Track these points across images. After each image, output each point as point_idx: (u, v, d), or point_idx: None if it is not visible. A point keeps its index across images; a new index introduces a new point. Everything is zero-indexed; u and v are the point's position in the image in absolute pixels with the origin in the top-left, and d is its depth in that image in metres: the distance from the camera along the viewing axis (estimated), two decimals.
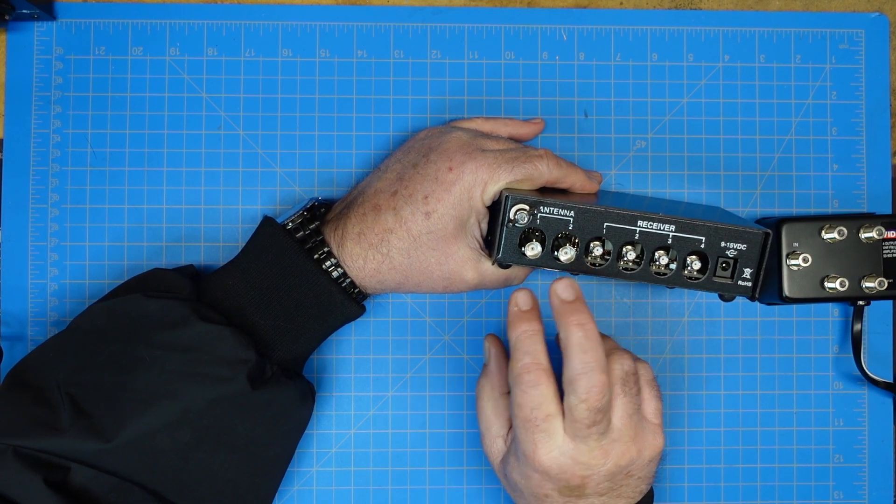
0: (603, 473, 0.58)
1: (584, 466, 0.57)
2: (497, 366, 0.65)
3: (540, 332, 0.57)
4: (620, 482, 0.60)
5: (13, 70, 0.72)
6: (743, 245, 0.61)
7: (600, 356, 0.55)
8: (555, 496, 0.59)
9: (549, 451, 0.57)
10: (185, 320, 0.59)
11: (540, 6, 0.74)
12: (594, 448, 0.57)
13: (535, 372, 0.56)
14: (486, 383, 0.65)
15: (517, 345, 0.57)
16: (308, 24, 0.73)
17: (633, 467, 0.60)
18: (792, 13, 0.75)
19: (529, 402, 0.56)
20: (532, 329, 0.57)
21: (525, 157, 0.62)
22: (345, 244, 0.62)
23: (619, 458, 0.58)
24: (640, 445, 0.60)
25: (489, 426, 0.64)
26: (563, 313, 0.56)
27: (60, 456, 0.55)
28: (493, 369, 0.65)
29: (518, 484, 0.61)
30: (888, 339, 0.75)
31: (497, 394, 0.65)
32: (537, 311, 0.58)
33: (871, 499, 0.74)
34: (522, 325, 0.57)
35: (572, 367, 0.55)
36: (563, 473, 0.57)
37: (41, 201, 0.72)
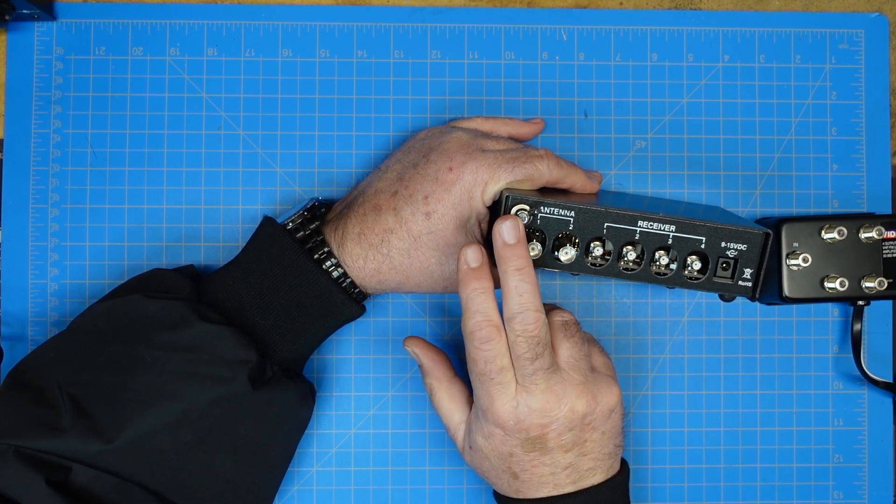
0: (561, 421, 0.59)
1: (539, 413, 0.58)
2: (430, 360, 0.66)
3: (490, 290, 0.57)
4: (582, 435, 0.60)
5: (13, 70, 0.72)
6: (743, 245, 0.61)
7: (536, 297, 0.57)
8: (519, 453, 0.60)
9: (504, 402, 0.58)
10: (186, 320, 0.59)
11: (540, 6, 0.74)
12: (545, 391, 0.58)
13: (487, 328, 0.57)
14: (430, 380, 0.66)
15: (468, 303, 0.57)
16: (308, 24, 0.73)
17: (593, 417, 0.60)
18: (792, 13, 0.75)
19: (483, 356, 0.57)
20: (482, 286, 0.57)
21: (525, 157, 0.62)
22: (345, 244, 0.62)
23: (574, 402, 0.59)
24: (594, 392, 0.60)
25: (451, 415, 0.65)
26: (504, 257, 0.57)
27: (61, 456, 0.55)
28: (429, 364, 0.66)
29: (483, 449, 0.61)
30: (888, 339, 0.75)
31: (446, 383, 0.66)
32: (487, 268, 0.58)
33: (871, 499, 0.74)
34: (473, 283, 0.57)
35: (509, 307, 0.57)
36: (521, 423, 0.58)
37: (41, 201, 0.72)
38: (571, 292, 0.74)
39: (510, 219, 0.57)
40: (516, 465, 0.61)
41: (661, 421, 0.74)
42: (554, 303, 0.70)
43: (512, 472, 0.61)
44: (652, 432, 0.74)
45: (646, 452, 0.74)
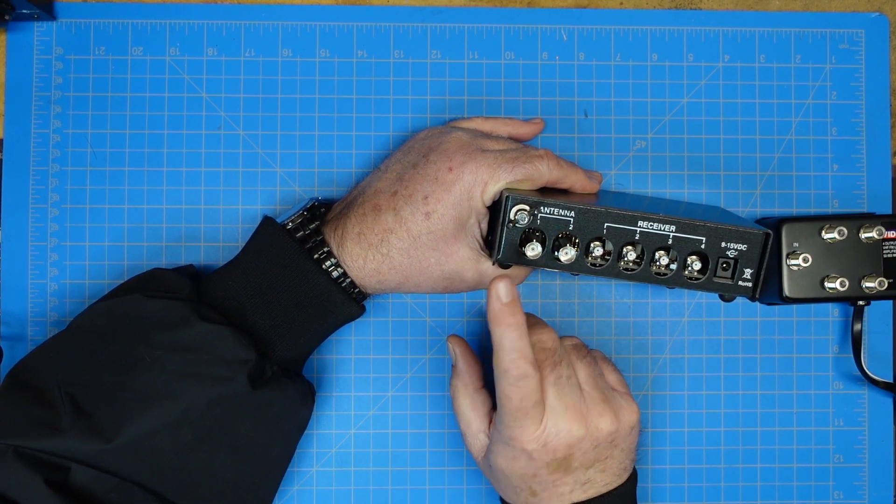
0: (587, 440, 0.59)
1: (566, 434, 0.59)
2: (466, 364, 0.66)
3: (523, 326, 0.56)
4: (605, 453, 0.61)
5: (13, 70, 0.72)
6: (743, 245, 0.61)
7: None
8: (543, 474, 0.60)
9: (533, 430, 0.58)
10: (185, 320, 0.59)
11: (540, 6, 0.74)
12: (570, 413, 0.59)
13: (524, 366, 0.56)
14: (458, 383, 0.66)
15: (502, 340, 0.56)
16: (308, 24, 0.73)
17: (616, 436, 0.61)
18: (792, 13, 0.75)
19: (518, 394, 0.57)
20: (516, 322, 0.56)
21: (525, 157, 0.62)
22: (345, 244, 0.62)
23: (598, 421, 0.60)
24: (615, 410, 0.61)
25: (469, 423, 0.65)
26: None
27: (61, 456, 0.55)
28: (463, 368, 0.66)
29: (505, 470, 0.61)
30: (888, 339, 0.75)
31: (472, 390, 0.66)
32: (518, 302, 0.57)
33: (871, 499, 0.74)
34: (507, 319, 0.56)
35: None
36: (548, 446, 0.59)
37: (41, 201, 0.72)
38: (571, 292, 0.74)
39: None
40: (538, 485, 0.61)
41: (661, 421, 0.74)
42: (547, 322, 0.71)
43: (531, 491, 0.62)
44: (652, 432, 0.74)
45: (646, 452, 0.74)
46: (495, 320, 0.56)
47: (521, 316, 0.56)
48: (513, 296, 0.56)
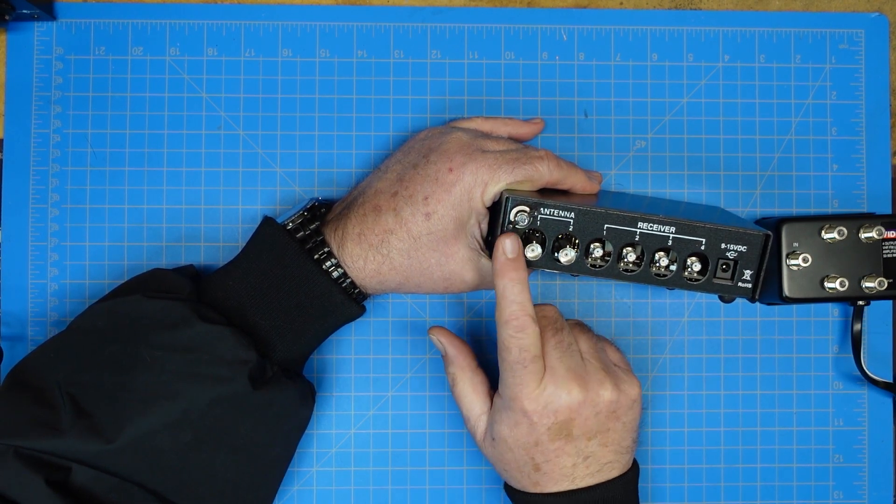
0: (588, 406, 0.60)
1: (566, 396, 0.60)
2: (455, 348, 0.67)
3: (525, 281, 0.59)
4: (607, 424, 0.62)
5: (13, 70, 0.72)
6: (743, 247, 0.61)
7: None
8: (545, 441, 0.61)
9: (533, 387, 0.59)
10: (186, 321, 0.59)
11: (540, 6, 0.74)
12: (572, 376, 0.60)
13: (523, 317, 0.58)
14: (454, 369, 0.67)
15: (504, 292, 0.59)
16: (308, 24, 0.73)
17: (617, 406, 0.62)
18: (792, 13, 0.75)
19: (517, 344, 0.58)
20: (519, 277, 0.59)
21: (525, 157, 0.62)
22: (345, 244, 0.62)
23: (599, 388, 0.61)
24: (616, 381, 0.62)
25: (471, 406, 0.66)
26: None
27: (61, 456, 0.55)
28: (454, 353, 0.67)
29: (507, 439, 0.62)
30: (888, 339, 0.75)
31: (469, 372, 0.66)
32: (523, 259, 0.59)
33: (871, 499, 0.74)
34: (510, 273, 0.59)
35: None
36: (549, 406, 0.60)
37: (41, 201, 0.72)
38: (571, 292, 0.74)
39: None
40: (540, 455, 0.61)
41: (661, 421, 0.74)
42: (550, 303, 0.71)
43: (534, 464, 0.62)
44: (652, 432, 0.74)
45: (646, 452, 0.74)
46: (499, 273, 0.59)
47: (524, 272, 0.59)
48: (517, 252, 0.59)
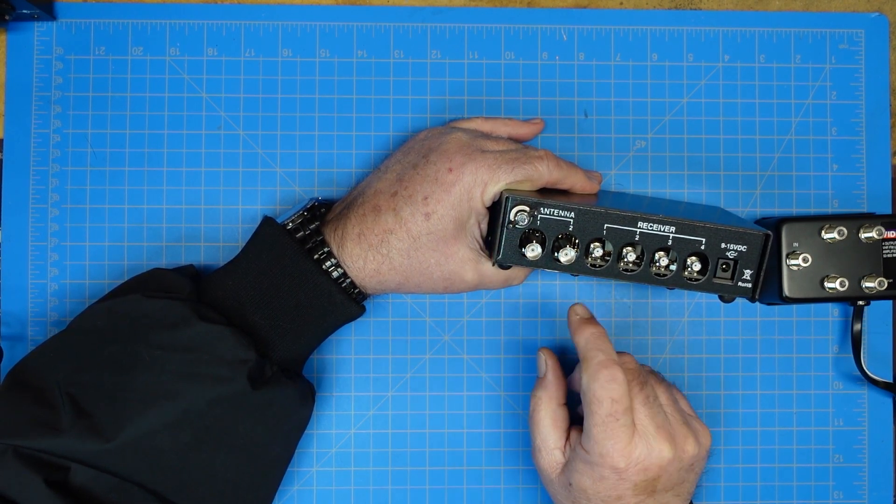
0: (675, 462, 0.60)
1: (657, 455, 0.59)
2: (555, 377, 0.66)
3: (606, 334, 0.61)
4: (684, 476, 0.62)
5: (13, 70, 0.72)
6: (743, 246, 0.61)
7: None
8: (628, 496, 0.60)
9: (625, 445, 0.59)
10: (185, 320, 0.59)
11: (540, 6, 0.74)
12: (660, 433, 0.60)
13: (612, 367, 0.58)
14: (543, 395, 0.66)
15: (589, 345, 0.60)
16: (308, 24, 0.73)
17: (697, 459, 0.62)
18: (792, 13, 0.75)
19: (610, 395, 0.58)
20: (599, 331, 0.61)
21: (525, 157, 0.62)
22: (345, 244, 0.62)
23: (684, 443, 0.61)
24: (695, 433, 0.63)
25: (546, 438, 0.65)
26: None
27: (61, 456, 0.55)
28: (552, 380, 0.66)
29: (588, 490, 0.61)
30: (888, 339, 0.75)
31: (555, 405, 0.66)
32: (594, 320, 0.62)
33: (871, 499, 0.74)
34: (590, 328, 0.61)
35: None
36: (639, 465, 0.59)
37: (41, 201, 0.72)
38: (571, 293, 0.74)
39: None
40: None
41: None
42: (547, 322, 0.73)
43: None
44: None
45: None
46: (578, 330, 0.61)
47: (601, 327, 0.61)
48: (588, 314, 0.62)
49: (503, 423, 0.73)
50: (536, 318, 0.74)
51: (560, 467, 0.64)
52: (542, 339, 0.73)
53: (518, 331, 0.74)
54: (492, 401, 0.73)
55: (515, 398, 0.73)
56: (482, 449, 0.73)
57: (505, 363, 0.74)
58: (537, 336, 0.73)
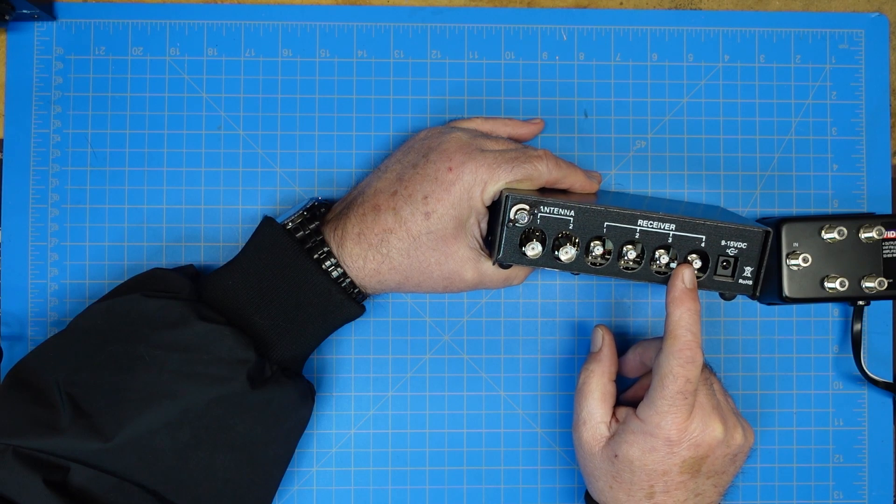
0: (722, 447, 0.62)
1: (710, 434, 0.61)
2: (610, 353, 0.68)
3: (699, 312, 0.61)
4: (726, 467, 0.63)
5: (13, 70, 0.72)
6: (743, 243, 0.61)
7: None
8: (674, 472, 0.61)
9: (682, 419, 0.60)
10: (185, 320, 0.59)
11: (540, 6, 0.74)
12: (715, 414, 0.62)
13: (696, 350, 0.60)
14: (596, 368, 0.67)
15: (680, 321, 0.60)
16: (308, 24, 0.73)
17: (740, 452, 0.64)
18: (792, 13, 0.75)
19: (685, 375, 0.59)
20: (695, 308, 0.60)
21: (524, 157, 0.62)
22: (344, 244, 0.62)
23: (733, 431, 0.63)
24: (743, 428, 0.64)
25: (593, 411, 0.66)
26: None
27: (60, 456, 0.55)
28: (607, 354, 0.68)
29: (634, 461, 0.62)
30: (888, 339, 0.75)
31: (606, 380, 0.67)
32: (697, 291, 0.61)
33: (871, 499, 0.74)
34: (688, 303, 0.60)
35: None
36: (692, 440, 0.61)
37: (41, 201, 0.72)
38: (571, 292, 0.74)
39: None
40: (661, 485, 0.62)
41: None
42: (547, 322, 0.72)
43: (650, 492, 0.62)
44: None
45: None
46: (678, 300, 0.60)
47: (699, 304, 0.61)
48: (695, 283, 0.61)
49: (503, 423, 0.73)
50: (536, 318, 0.74)
51: (604, 440, 0.64)
52: (542, 339, 0.73)
53: (518, 331, 0.74)
54: (492, 401, 0.73)
55: (515, 398, 0.73)
56: (482, 449, 0.73)
57: (505, 363, 0.74)
58: (537, 336, 0.73)
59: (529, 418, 0.73)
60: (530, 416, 0.73)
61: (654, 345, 0.68)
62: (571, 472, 0.74)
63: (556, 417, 0.74)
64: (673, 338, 0.60)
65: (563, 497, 0.73)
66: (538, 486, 0.73)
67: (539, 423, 0.74)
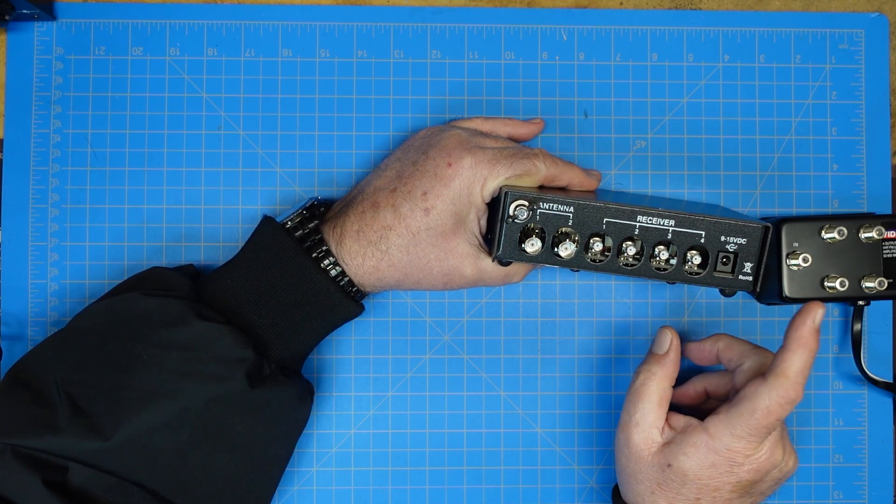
0: (776, 473, 0.62)
1: (771, 461, 0.61)
2: (676, 358, 0.67)
3: (816, 354, 0.59)
4: (770, 489, 0.64)
5: (13, 70, 0.72)
6: (743, 239, 0.61)
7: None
8: (725, 490, 0.61)
9: (756, 447, 0.60)
10: (184, 319, 0.59)
11: (540, 6, 0.74)
12: (779, 442, 0.62)
13: (799, 395, 0.58)
14: (659, 371, 0.66)
15: (799, 363, 0.58)
16: (308, 24, 0.73)
17: (785, 476, 0.64)
18: (792, 13, 0.75)
19: (780, 415, 0.59)
20: (816, 350, 0.58)
21: (522, 153, 0.62)
22: (343, 242, 0.62)
23: (788, 456, 0.63)
24: (795, 457, 0.64)
25: (647, 414, 0.65)
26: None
27: (59, 455, 0.55)
28: (673, 359, 0.67)
29: (689, 473, 0.61)
30: (888, 339, 0.75)
31: (667, 384, 0.66)
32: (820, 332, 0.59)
33: (871, 499, 0.74)
34: (812, 345, 0.58)
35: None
36: (756, 464, 0.61)
37: (41, 201, 0.72)
38: (571, 292, 0.74)
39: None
40: (707, 500, 0.62)
41: None
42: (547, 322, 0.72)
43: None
44: None
45: None
46: (802, 341, 0.58)
47: (819, 345, 0.59)
48: (819, 325, 0.58)
49: (503, 423, 0.73)
50: (536, 318, 0.74)
51: (656, 447, 0.64)
52: (542, 339, 0.73)
53: (518, 331, 0.74)
54: (492, 401, 0.73)
55: (515, 398, 0.73)
56: (482, 449, 0.73)
57: (505, 363, 0.73)
58: (537, 336, 0.73)
59: (529, 418, 0.73)
60: (530, 416, 0.73)
61: (739, 348, 0.67)
62: (571, 471, 0.74)
63: (556, 417, 0.74)
64: (783, 377, 0.58)
65: (563, 497, 0.73)
66: (538, 486, 0.73)
67: (539, 423, 0.73)
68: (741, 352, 0.66)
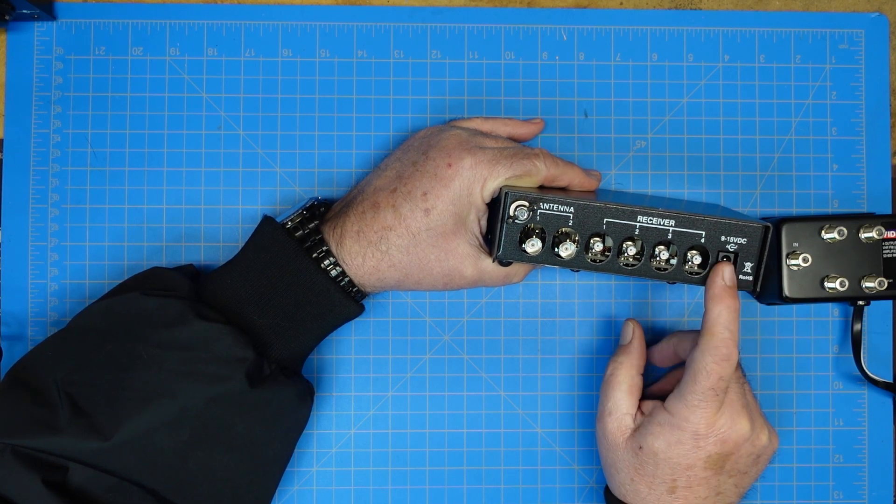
0: (748, 445, 0.63)
1: (738, 431, 0.62)
2: (640, 346, 0.69)
3: (738, 311, 0.61)
4: (749, 468, 0.64)
5: (13, 70, 0.72)
6: (743, 239, 0.61)
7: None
8: (698, 467, 0.62)
9: (711, 414, 0.61)
10: (184, 319, 0.59)
11: (540, 6, 0.74)
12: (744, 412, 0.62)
13: (733, 348, 0.60)
14: (625, 360, 0.68)
15: (719, 318, 0.60)
16: (308, 24, 0.73)
17: (762, 453, 0.64)
18: (792, 13, 0.75)
19: (719, 372, 0.60)
20: (734, 305, 0.61)
21: (523, 154, 0.62)
22: (343, 242, 0.62)
23: (759, 431, 0.63)
24: (769, 430, 0.65)
25: (619, 402, 0.66)
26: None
27: (59, 455, 0.55)
28: (637, 347, 0.69)
29: (659, 454, 0.62)
30: (888, 339, 0.75)
31: (634, 372, 0.68)
32: (736, 289, 0.61)
33: (871, 499, 0.74)
34: (727, 300, 0.60)
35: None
36: (719, 435, 0.61)
37: (41, 201, 0.72)
38: (571, 292, 0.74)
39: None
40: (684, 479, 0.62)
41: None
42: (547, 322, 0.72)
43: (672, 486, 0.63)
44: None
45: None
46: (717, 297, 0.61)
47: (739, 301, 0.61)
48: (734, 280, 0.61)
49: (503, 423, 0.73)
50: (536, 318, 0.74)
51: (629, 432, 0.65)
52: (542, 339, 0.73)
53: (518, 331, 0.74)
54: (492, 401, 0.73)
55: (515, 398, 0.73)
56: (482, 449, 0.73)
57: (505, 363, 0.73)
58: (537, 336, 0.73)
59: (529, 418, 0.73)
60: (530, 416, 0.73)
61: (689, 337, 0.68)
62: (571, 471, 0.74)
63: (556, 417, 0.74)
64: (710, 334, 0.60)
65: (563, 497, 0.73)
66: (538, 486, 0.73)
67: (539, 423, 0.73)
68: (691, 339, 0.67)
